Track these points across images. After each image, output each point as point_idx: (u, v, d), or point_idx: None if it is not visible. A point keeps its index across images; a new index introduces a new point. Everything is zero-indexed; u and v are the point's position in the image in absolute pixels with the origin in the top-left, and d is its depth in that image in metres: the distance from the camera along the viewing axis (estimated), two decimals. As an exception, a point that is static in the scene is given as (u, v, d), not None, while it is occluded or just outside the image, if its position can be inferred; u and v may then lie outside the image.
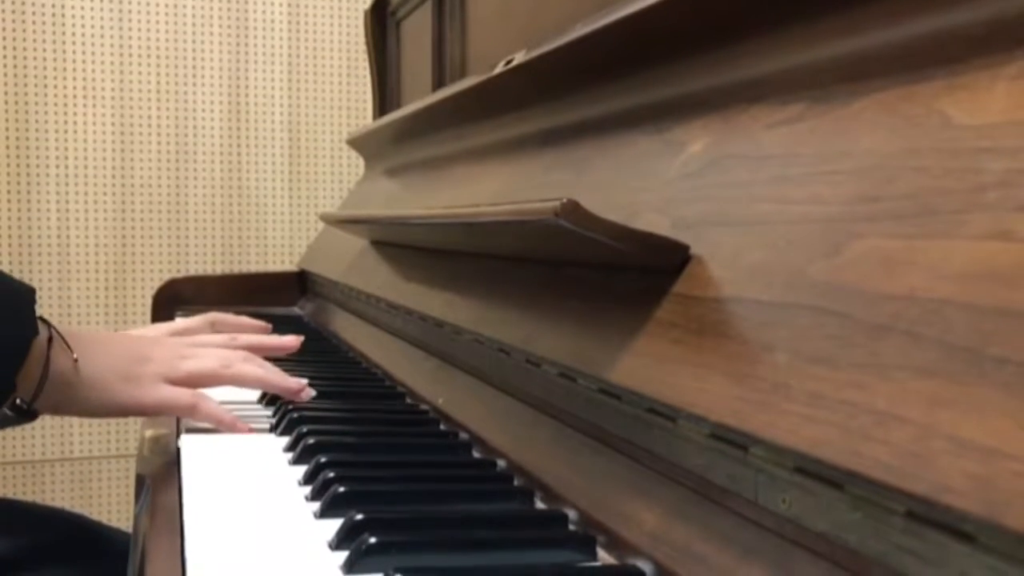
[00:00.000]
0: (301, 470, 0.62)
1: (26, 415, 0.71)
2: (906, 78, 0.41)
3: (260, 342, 0.86)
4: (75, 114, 1.99)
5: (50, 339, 0.71)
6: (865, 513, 0.33)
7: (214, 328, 0.91)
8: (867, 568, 0.33)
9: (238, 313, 1.01)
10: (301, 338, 0.89)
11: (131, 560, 0.54)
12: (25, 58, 1.96)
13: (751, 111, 0.52)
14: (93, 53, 2.00)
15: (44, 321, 0.72)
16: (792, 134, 0.47)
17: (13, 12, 1.94)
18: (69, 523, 0.86)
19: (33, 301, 0.72)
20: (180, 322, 0.87)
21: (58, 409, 0.75)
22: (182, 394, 0.74)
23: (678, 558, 0.42)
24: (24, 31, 1.95)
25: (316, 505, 0.55)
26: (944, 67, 0.39)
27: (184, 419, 0.77)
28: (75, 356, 0.72)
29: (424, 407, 0.81)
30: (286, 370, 0.94)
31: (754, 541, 0.39)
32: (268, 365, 0.80)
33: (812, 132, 0.46)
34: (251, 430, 0.75)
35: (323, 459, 0.61)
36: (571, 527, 0.52)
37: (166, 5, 2.03)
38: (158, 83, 2.04)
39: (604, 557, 0.48)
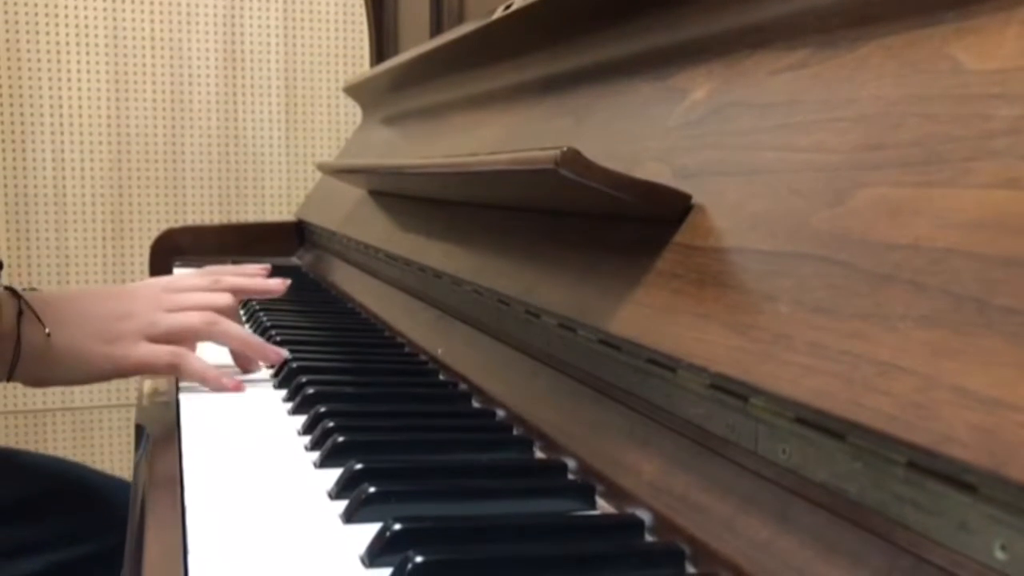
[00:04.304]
0: (300, 420, 0.63)
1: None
2: (914, 22, 0.40)
3: (244, 285, 0.82)
4: (68, 62, 1.97)
5: (20, 313, 0.69)
6: (866, 463, 0.33)
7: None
8: (866, 518, 0.33)
9: (236, 263, 1.00)
10: (288, 281, 0.84)
11: (131, 510, 0.54)
12: (15, 3, 1.93)
13: (755, 57, 0.51)
14: (85, -1, 1.97)
15: (15, 293, 0.70)
16: (797, 80, 0.46)
17: (3, -43, 1.91)
18: (68, 473, 0.86)
19: None
20: (176, 277, 0.85)
21: (39, 382, 0.73)
22: (162, 353, 0.71)
23: (677, 507, 0.42)
24: (15, -24, 1.92)
25: (315, 455, 0.55)
26: (954, 10, 0.38)
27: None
28: (47, 331, 0.69)
29: (423, 357, 0.80)
30: (285, 321, 0.94)
31: (753, 491, 0.39)
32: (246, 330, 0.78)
33: (817, 78, 0.45)
34: (238, 387, 0.72)
35: (322, 409, 0.61)
36: (570, 476, 0.52)
37: (159, -50, 1.99)
38: (152, 30, 2.01)
39: (603, 506, 0.48)
